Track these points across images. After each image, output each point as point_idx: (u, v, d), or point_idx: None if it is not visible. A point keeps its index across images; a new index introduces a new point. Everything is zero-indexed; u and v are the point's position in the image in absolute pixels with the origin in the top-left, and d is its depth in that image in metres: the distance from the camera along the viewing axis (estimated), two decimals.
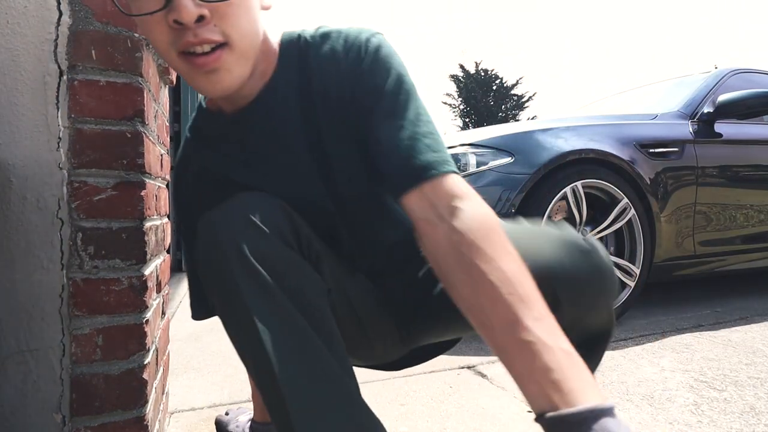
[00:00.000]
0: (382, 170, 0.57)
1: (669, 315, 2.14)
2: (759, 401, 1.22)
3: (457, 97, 19.34)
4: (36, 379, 0.76)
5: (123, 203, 0.80)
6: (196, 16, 0.48)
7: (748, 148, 2.36)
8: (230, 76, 0.53)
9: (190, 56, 0.50)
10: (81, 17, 0.78)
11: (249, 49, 0.54)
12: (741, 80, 2.56)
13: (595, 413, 0.39)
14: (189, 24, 0.48)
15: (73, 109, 0.78)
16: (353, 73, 0.60)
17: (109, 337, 0.78)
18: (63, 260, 0.77)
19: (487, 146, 1.96)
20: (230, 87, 0.54)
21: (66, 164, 0.77)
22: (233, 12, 0.50)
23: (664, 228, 2.07)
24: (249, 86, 0.61)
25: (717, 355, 1.58)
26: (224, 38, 0.51)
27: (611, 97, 3.36)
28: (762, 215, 2.34)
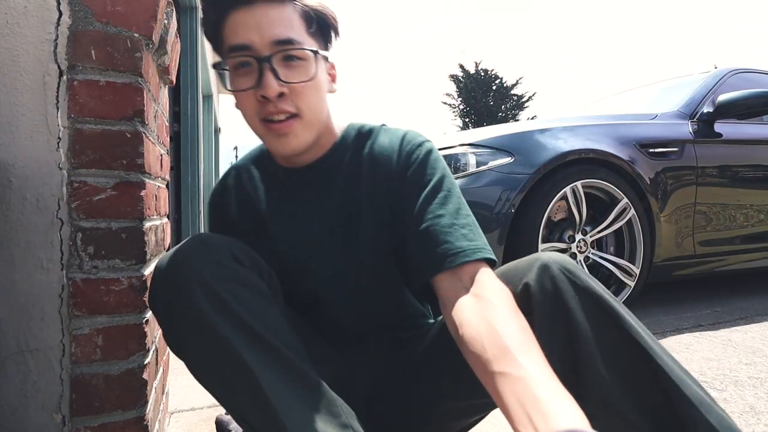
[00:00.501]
0: (416, 253, 0.66)
1: (669, 315, 2.14)
2: (759, 401, 1.22)
3: (456, 97, 19.34)
4: (36, 379, 0.76)
5: (123, 203, 0.80)
6: (278, 92, 0.63)
7: (748, 148, 2.36)
8: (297, 140, 0.67)
9: (269, 123, 0.65)
10: (81, 17, 0.78)
11: (315, 121, 0.68)
12: (741, 80, 2.56)
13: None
14: (272, 98, 0.63)
15: (72, 109, 0.78)
16: (404, 166, 0.71)
17: (109, 337, 0.78)
18: (63, 260, 0.77)
19: (487, 146, 1.96)
20: (296, 149, 0.68)
21: (66, 164, 0.77)
22: (306, 91, 0.65)
23: (664, 228, 2.07)
24: (310, 153, 0.73)
25: (717, 354, 1.58)
26: (297, 110, 0.65)
27: (611, 97, 3.36)
28: (762, 215, 2.34)
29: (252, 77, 0.64)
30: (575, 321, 0.56)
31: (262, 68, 0.62)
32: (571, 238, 1.96)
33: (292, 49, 0.63)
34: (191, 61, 3.99)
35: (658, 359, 0.54)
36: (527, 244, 1.81)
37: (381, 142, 0.74)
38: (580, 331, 0.56)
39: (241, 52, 0.63)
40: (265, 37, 0.62)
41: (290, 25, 0.63)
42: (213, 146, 7.72)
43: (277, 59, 0.63)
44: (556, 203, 1.88)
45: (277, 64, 0.63)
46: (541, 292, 0.59)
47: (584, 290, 0.58)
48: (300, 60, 0.64)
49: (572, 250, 1.95)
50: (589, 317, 0.56)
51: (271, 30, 0.62)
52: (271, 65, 0.62)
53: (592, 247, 1.99)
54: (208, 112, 6.80)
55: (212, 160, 7.58)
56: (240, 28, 0.63)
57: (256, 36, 0.62)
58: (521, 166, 1.87)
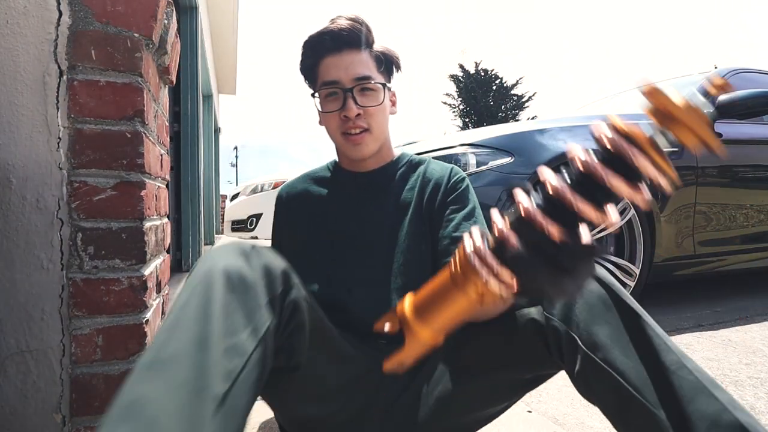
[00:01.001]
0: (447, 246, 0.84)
1: (669, 315, 2.14)
2: (759, 401, 1.22)
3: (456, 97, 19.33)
4: (36, 379, 0.76)
5: (123, 203, 0.80)
6: (356, 113, 0.85)
7: (748, 148, 2.36)
8: (367, 148, 0.89)
9: (347, 135, 0.87)
10: (81, 17, 0.78)
11: (380, 135, 0.90)
12: (741, 80, 2.56)
13: None
14: (351, 118, 0.85)
15: (72, 109, 0.78)
16: (450, 191, 0.91)
17: (109, 337, 0.78)
18: (63, 260, 0.77)
19: (487, 146, 1.96)
20: (366, 154, 0.90)
21: (66, 164, 0.77)
22: (375, 113, 0.87)
23: (664, 228, 2.07)
24: (374, 161, 0.94)
25: (717, 355, 1.58)
26: (368, 127, 0.87)
27: (611, 97, 3.36)
28: (762, 215, 2.34)
29: (337, 103, 0.86)
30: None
31: (346, 96, 0.85)
32: None
33: (367, 83, 0.86)
34: (191, 61, 3.99)
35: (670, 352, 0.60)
36: None
37: (433, 168, 0.95)
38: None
39: (331, 85, 0.86)
40: (349, 75, 0.85)
41: (366, 66, 0.87)
42: (213, 146, 7.72)
43: (356, 90, 0.85)
44: None
45: (356, 93, 0.85)
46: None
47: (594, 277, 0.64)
48: (372, 90, 0.87)
49: None
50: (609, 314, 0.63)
51: (353, 70, 0.85)
52: (352, 94, 0.85)
53: None
54: (208, 112, 6.79)
55: (212, 160, 7.58)
56: (331, 69, 0.86)
57: (343, 74, 0.85)
58: (521, 166, 1.87)
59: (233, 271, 0.56)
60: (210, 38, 5.99)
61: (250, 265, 0.59)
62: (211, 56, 6.29)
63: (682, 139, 0.41)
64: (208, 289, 0.54)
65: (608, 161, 0.41)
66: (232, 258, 0.58)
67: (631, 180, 0.41)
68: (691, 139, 0.40)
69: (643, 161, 0.40)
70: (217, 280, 0.55)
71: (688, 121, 0.39)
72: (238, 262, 0.58)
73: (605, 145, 0.42)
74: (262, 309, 0.56)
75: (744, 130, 2.40)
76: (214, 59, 7.01)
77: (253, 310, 0.55)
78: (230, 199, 6.31)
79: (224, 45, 6.83)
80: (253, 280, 0.57)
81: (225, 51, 7.08)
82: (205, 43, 5.05)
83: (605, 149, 0.42)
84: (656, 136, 0.41)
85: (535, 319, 0.68)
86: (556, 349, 0.66)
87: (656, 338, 0.60)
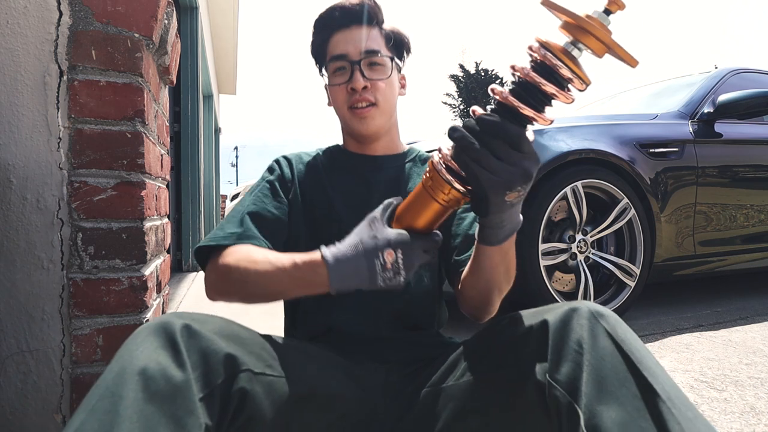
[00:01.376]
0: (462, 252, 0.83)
1: (669, 315, 2.14)
2: (759, 401, 1.22)
3: (457, 97, 19.34)
4: (36, 379, 0.76)
5: (123, 203, 0.80)
6: (363, 85, 0.84)
7: (749, 148, 2.36)
8: (374, 122, 0.87)
9: (354, 109, 0.86)
10: (81, 17, 0.78)
11: (387, 109, 0.88)
12: (741, 80, 2.56)
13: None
14: (358, 90, 0.84)
15: (73, 110, 0.78)
16: None
17: (110, 338, 0.78)
18: (63, 260, 0.77)
19: None
20: (372, 129, 0.87)
21: (66, 164, 0.77)
22: (383, 86, 0.86)
23: (664, 228, 2.07)
24: (380, 147, 0.92)
25: (717, 355, 1.58)
26: (375, 100, 0.85)
27: (611, 97, 3.36)
28: (762, 215, 2.34)
29: (345, 76, 0.86)
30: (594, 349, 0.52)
31: (353, 69, 0.84)
32: (571, 239, 1.96)
33: (375, 56, 0.85)
34: (191, 61, 3.99)
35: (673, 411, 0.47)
36: (527, 244, 1.81)
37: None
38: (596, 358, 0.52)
39: (339, 59, 0.86)
40: (357, 48, 0.85)
41: (375, 41, 0.86)
42: (213, 146, 7.72)
43: (364, 63, 0.85)
44: (556, 203, 1.88)
45: (364, 67, 0.85)
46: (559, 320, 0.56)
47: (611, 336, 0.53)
48: (380, 65, 0.86)
49: (572, 250, 1.95)
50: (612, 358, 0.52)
51: (362, 44, 0.85)
52: (359, 67, 0.84)
53: (592, 247, 1.99)
54: (208, 112, 6.80)
55: (212, 160, 7.58)
56: (340, 43, 0.86)
57: (351, 47, 0.85)
58: None
59: (154, 373, 0.46)
60: (210, 38, 6.00)
61: (178, 358, 0.49)
62: (211, 56, 6.29)
63: (590, 46, 0.51)
64: (116, 403, 0.44)
65: (536, 69, 0.53)
66: (154, 352, 0.48)
67: (555, 82, 0.53)
68: (597, 46, 0.50)
69: (560, 65, 0.51)
70: (131, 389, 0.45)
71: (591, 29, 0.50)
72: (161, 358, 0.48)
73: (532, 55, 0.53)
74: (195, 412, 0.47)
75: (744, 130, 2.40)
76: (214, 59, 7.01)
77: (181, 419, 0.46)
78: (230, 199, 6.31)
79: (224, 45, 6.83)
80: (182, 380, 0.48)
81: (225, 51, 7.08)
82: (206, 43, 5.05)
83: (533, 60, 0.54)
84: (568, 46, 0.52)
85: (538, 381, 0.56)
86: (556, 421, 0.54)
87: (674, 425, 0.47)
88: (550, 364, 0.54)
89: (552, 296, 1.82)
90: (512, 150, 0.54)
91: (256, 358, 0.58)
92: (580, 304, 0.57)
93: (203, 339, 0.52)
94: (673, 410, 0.47)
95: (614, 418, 0.48)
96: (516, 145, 0.54)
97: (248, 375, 0.55)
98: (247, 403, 0.54)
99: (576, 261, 1.95)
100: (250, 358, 0.57)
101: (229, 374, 0.53)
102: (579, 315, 0.55)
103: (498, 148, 0.53)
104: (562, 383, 0.52)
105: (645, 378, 0.50)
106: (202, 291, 0.79)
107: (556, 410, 0.53)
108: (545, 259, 1.89)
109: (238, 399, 0.53)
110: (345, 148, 0.95)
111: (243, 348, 0.57)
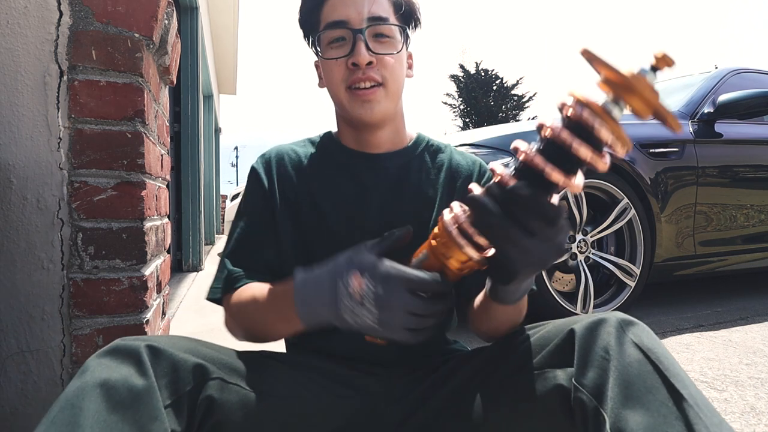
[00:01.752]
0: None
1: (669, 315, 2.14)
2: (759, 401, 1.22)
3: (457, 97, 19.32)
4: (36, 379, 0.76)
5: (123, 203, 0.80)
6: (368, 61, 0.68)
7: (749, 148, 2.36)
8: (379, 107, 0.71)
9: (355, 90, 0.70)
10: (81, 17, 0.78)
11: (395, 91, 0.73)
12: (741, 80, 2.56)
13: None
14: (362, 66, 0.69)
15: (73, 110, 0.78)
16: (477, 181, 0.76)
17: (110, 338, 0.78)
18: (63, 260, 0.77)
19: (488, 146, 1.96)
20: (377, 115, 0.72)
21: (66, 164, 0.77)
22: (391, 63, 0.71)
23: (665, 228, 2.07)
24: (382, 140, 0.77)
25: (717, 355, 1.58)
26: (382, 79, 0.70)
27: None
28: (762, 215, 2.34)
29: (345, 49, 0.70)
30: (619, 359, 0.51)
31: (356, 39, 0.69)
32: (571, 239, 1.96)
33: (383, 24, 0.70)
34: (191, 61, 3.99)
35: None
36: None
37: (458, 160, 0.80)
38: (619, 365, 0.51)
39: (338, 27, 0.70)
40: (361, 13, 0.69)
41: (382, 6, 0.71)
42: (213, 146, 7.73)
43: (368, 33, 0.69)
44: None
45: (369, 37, 0.69)
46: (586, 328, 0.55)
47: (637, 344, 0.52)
48: (388, 37, 0.71)
49: (572, 250, 1.95)
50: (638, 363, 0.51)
51: (367, 7, 0.69)
52: (364, 37, 0.69)
53: (592, 248, 1.99)
54: (208, 112, 6.80)
55: (212, 160, 7.58)
56: (339, 7, 0.70)
57: (353, 12, 0.69)
58: None
59: (115, 383, 0.45)
60: (210, 38, 6.00)
61: (141, 368, 0.48)
62: (211, 56, 6.29)
63: (634, 107, 0.43)
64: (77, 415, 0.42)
65: (570, 128, 0.45)
66: (115, 368, 0.47)
67: (591, 144, 0.45)
68: (643, 108, 0.43)
69: (599, 126, 0.44)
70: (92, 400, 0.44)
71: (639, 89, 0.42)
72: (123, 371, 0.47)
73: (566, 113, 0.45)
74: (159, 417, 0.46)
75: (744, 130, 2.40)
76: (215, 59, 7.01)
77: (144, 425, 0.45)
78: (230, 199, 6.31)
79: (224, 45, 6.83)
80: (145, 387, 0.47)
81: (225, 51, 7.08)
82: (206, 43, 5.05)
83: (567, 117, 0.45)
84: (609, 104, 0.44)
85: (562, 385, 0.55)
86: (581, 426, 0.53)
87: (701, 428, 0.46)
88: (576, 370, 0.53)
89: (552, 296, 1.82)
90: (548, 227, 0.46)
91: (228, 371, 0.56)
92: (609, 315, 0.56)
93: (169, 354, 0.51)
94: (701, 414, 0.47)
95: (640, 422, 0.47)
96: (553, 222, 0.46)
97: (219, 383, 0.54)
98: (212, 413, 0.52)
99: (576, 261, 1.95)
100: (222, 370, 0.55)
101: (198, 382, 0.52)
102: (607, 324, 0.54)
103: (532, 225, 0.46)
104: (588, 387, 0.51)
105: (672, 384, 0.49)
106: (202, 291, 0.79)
107: (582, 415, 0.52)
108: None
109: (205, 408, 0.52)
110: (339, 141, 0.80)
111: (213, 361, 0.55)
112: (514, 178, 0.47)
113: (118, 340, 0.51)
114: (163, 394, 0.48)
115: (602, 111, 0.44)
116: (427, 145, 0.81)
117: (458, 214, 0.51)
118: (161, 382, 0.49)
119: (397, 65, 0.72)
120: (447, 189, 0.76)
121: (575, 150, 0.44)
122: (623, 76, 0.42)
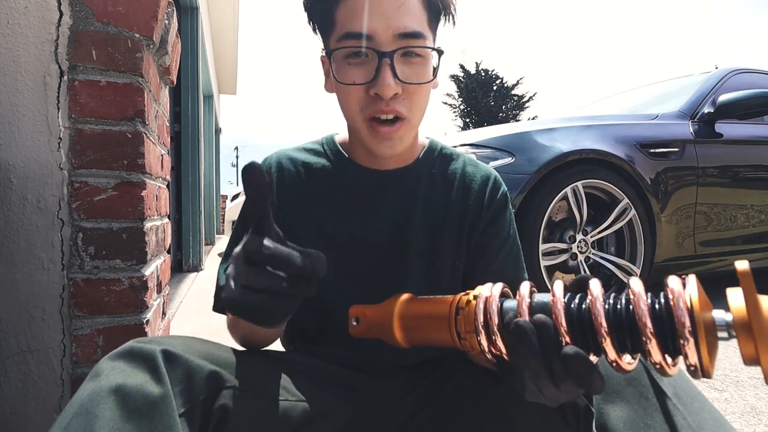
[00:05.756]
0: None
1: None
2: (759, 401, 1.22)
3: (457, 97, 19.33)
4: (36, 379, 0.76)
5: (123, 204, 0.80)
6: (394, 92, 0.57)
7: (749, 148, 2.36)
8: (401, 144, 0.62)
9: (375, 122, 0.60)
10: (81, 17, 0.78)
11: (418, 124, 0.64)
12: (741, 80, 2.56)
13: None
14: (386, 97, 0.57)
15: (73, 110, 0.78)
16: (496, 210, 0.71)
17: (110, 338, 0.78)
18: (63, 261, 0.77)
19: (488, 146, 1.96)
20: (397, 152, 0.63)
21: (66, 165, 0.77)
22: (419, 93, 0.60)
23: (665, 228, 2.07)
24: (396, 157, 0.68)
25: (717, 355, 1.58)
26: (407, 113, 0.60)
27: (611, 97, 3.36)
28: (762, 215, 2.34)
29: (366, 71, 0.57)
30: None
31: (382, 64, 0.56)
32: (571, 239, 1.96)
33: (417, 46, 0.57)
34: (192, 61, 3.99)
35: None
36: (528, 244, 1.81)
37: (471, 172, 0.73)
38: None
39: (359, 41, 0.56)
40: (391, 27, 0.55)
41: (415, 15, 0.57)
42: (213, 146, 7.73)
43: (398, 55, 0.56)
44: (556, 203, 1.88)
45: (397, 60, 0.56)
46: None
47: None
48: (420, 57, 0.58)
49: (573, 251, 1.95)
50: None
51: (398, 20, 0.55)
52: (391, 62, 0.56)
53: (592, 248, 1.99)
54: (208, 113, 6.80)
55: (213, 160, 7.59)
56: (361, 13, 0.55)
57: (380, 24, 0.55)
58: (522, 166, 1.87)
59: (130, 390, 0.44)
60: (210, 38, 6.00)
61: (156, 375, 0.46)
62: (211, 56, 6.29)
63: (743, 349, 0.35)
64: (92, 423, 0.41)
65: (658, 318, 0.36)
66: (130, 373, 0.45)
67: (667, 346, 0.36)
68: (752, 354, 0.34)
69: (691, 339, 0.35)
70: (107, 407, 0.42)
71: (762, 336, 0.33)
72: (138, 378, 0.45)
73: (666, 293, 0.37)
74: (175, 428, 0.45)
75: (744, 130, 2.40)
76: (215, 59, 7.01)
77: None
78: (230, 199, 6.31)
79: (224, 45, 6.84)
80: (160, 395, 0.45)
81: (225, 51, 7.08)
82: (206, 43, 5.05)
83: (659, 300, 0.37)
84: (721, 325, 0.36)
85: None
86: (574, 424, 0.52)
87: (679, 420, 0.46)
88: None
89: None
90: (576, 390, 0.40)
91: (241, 377, 0.54)
92: None
93: (185, 360, 0.49)
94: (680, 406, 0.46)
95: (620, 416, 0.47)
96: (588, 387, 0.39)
97: (233, 392, 0.52)
98: (225, 424, 0.51)
99: (576, 261, 1.95)
100: (236, 377, 0.54)
101: (212, 390, 0.50)
102: None
103: (565, 386, 0.39)
104: None
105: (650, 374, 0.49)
106: (202, 291, 0.79)
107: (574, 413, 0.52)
108: (545, 259, 1.89)
109: (218, 418, 0.50)
110: (347, 154, 0.71)
111: (227, 367, 0.54)
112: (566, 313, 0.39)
113: (132, 341, 0.49)
114: (177, 402, 0.47)
115: (708, 326, 0.35)
116: (439, 152, 0.74)
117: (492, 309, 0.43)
118: (176, 390, 0.47)
119: (425, 95, 0.62)
120: (460, 204, 0.71)
121: (647, 341, 0.36)
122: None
